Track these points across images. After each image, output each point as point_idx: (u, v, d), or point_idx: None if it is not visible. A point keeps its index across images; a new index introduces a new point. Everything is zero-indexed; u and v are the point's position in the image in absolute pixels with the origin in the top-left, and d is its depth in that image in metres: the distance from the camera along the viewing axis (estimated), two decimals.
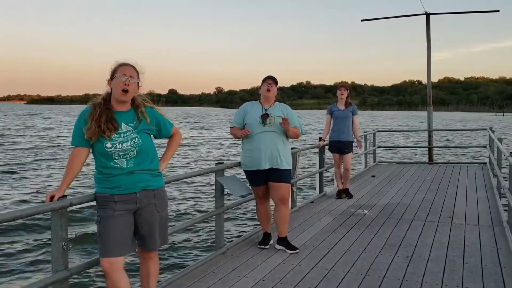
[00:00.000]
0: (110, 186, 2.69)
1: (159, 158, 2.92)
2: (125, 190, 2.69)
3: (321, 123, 56.17)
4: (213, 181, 4.66)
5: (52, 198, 2.62)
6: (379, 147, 13.04)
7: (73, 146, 2.73)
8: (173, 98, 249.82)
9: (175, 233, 6.20)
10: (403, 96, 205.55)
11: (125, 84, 2.67)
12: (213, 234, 4.66)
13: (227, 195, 4.41)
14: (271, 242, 4.56)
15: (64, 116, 70.99)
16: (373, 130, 11.65)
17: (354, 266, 3.93)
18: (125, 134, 2.69)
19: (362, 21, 14.26)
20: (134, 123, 2.75)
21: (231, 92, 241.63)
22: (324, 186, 7.63)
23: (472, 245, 4.51)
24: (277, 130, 4.25)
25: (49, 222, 3.98)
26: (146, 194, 2.77)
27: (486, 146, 11.59)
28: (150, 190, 2.78)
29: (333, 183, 8.26)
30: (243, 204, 6.78)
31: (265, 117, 4.26)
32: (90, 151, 2.74)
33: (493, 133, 10.00)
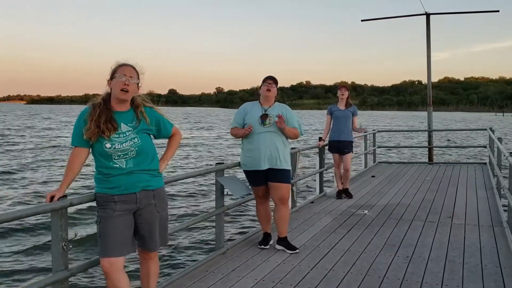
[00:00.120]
0: (109, 186, 2.69)
1: (159, 158, 2.93)
2: (125, 190, 2.69)
3: (321, 123, 56.14)
4: (213, 181, 4.66)
5: (52, 198, 2.63)
6: (379, 147, 13.03)
7: (73, 146, 2.73)
8: (173, 98, 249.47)
9: (175, 233, 6.21)
10: (403, 96, 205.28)
11: (125, 84, 2.68)
12: (213, 234, 4.66)
13: (227, 195, 4.41)
14: (271, 242, 4.56)
15: (64, 116, 70.98)
16: (373, 130, 11.64)
17: (354, 266, 3.93)
18: (124, 134, 2.69)
19: (362, 21, 14.29)
20: (134, 123, 2.75)
21: (231, 92, 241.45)
22: (324, 186, 7.63)
23: (472, 245, 4.51)
24: (277, 130, 4.26)
25: (49, 222, 3.98)
26: (146, 194, 2.77)
27: (486, 146, 11.60)
28: (150, 190, 2.78)
29: (333, 183, 8.25)
30: (243, 204, 6.78)
31: (264, 117, 4.26)
32: (90, 151, 2.74)
33: (493, 133, 9.99)
